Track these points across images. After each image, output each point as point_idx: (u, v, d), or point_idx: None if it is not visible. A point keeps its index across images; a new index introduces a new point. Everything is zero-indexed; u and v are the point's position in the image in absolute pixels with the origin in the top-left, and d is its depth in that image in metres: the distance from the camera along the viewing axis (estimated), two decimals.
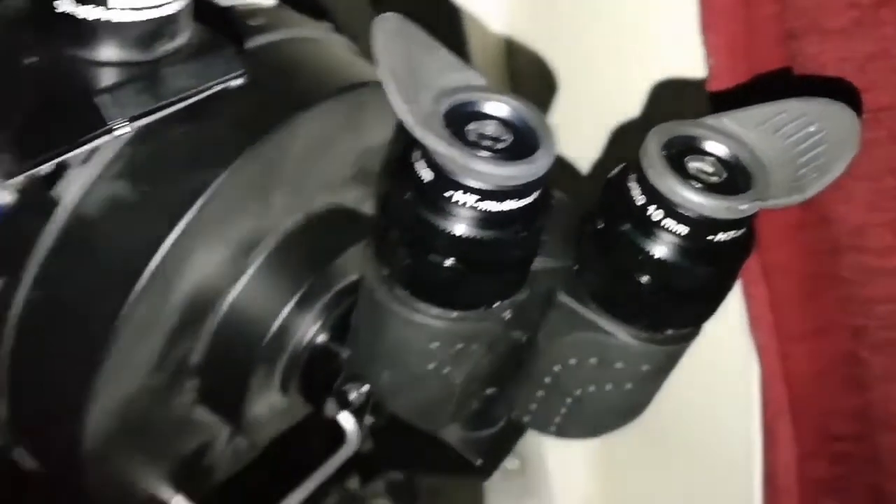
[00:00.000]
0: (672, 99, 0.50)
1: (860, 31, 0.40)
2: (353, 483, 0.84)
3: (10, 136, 0.30)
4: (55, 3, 0.27)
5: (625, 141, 0.48)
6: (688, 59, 0.46)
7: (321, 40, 0.49)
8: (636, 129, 0.41)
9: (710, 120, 0.32)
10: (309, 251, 0.46)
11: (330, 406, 0.48)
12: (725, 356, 0.56)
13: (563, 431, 0.38)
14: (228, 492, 0.55)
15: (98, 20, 0.27)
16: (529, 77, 0.63)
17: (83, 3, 0.27)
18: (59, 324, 0.41)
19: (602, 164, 0.54)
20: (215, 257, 0.43)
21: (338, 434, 0.57)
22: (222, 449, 0.53)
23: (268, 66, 0.44)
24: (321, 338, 0.46)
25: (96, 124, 0.29)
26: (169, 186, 0.39)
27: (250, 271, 0.45)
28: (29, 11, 0.28)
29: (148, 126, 0.36)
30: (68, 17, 0.27)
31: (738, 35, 0.43)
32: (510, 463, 0.94)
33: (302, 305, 0.46)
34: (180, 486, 0.50)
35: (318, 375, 0.47)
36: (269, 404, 0.49)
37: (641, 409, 0.38)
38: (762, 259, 0.47)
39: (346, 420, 0.55)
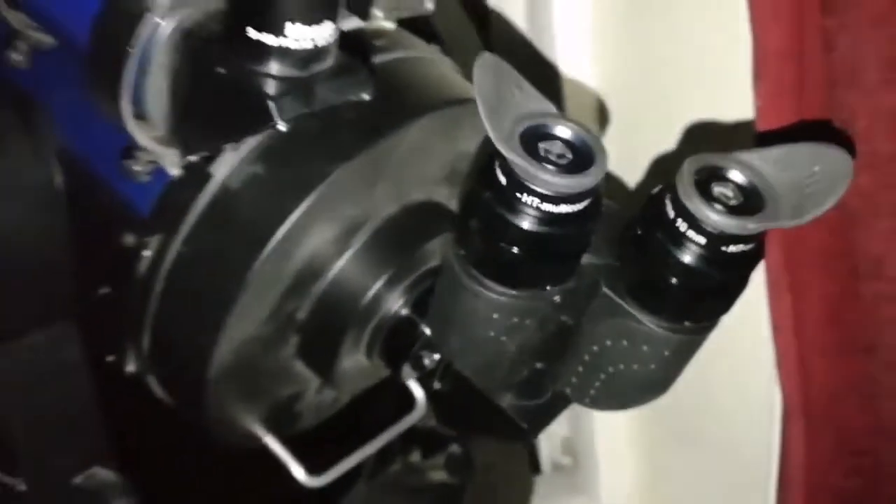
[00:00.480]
0: (724, 134, 0.57)
1: (891, 86, 0.46)
2: (416, 456, 0.93)
3: (196, 124, 0.40)
4: (247, 30, 0.36)
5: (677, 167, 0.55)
6: (742, 102, 0.53)
7: (431, 60, 0.57)
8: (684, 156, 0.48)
9: (737, 154, 0.39)
10: (402, 237, 0.54)
11: (406, 370, 0.56)
12: (756, 368, 0.62)
13: (596, 403, 0.46)
14: (307, 440, 0.63)
15: (274, 46, 0.37)
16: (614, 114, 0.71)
17: (265, 31, 0.36)
18: (200, 274, 0.50)
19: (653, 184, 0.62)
20: (327, 234, 0.51)
21: (408, 402, 0.65)
22: (310, 400, 0.62)
23: (385, 80, 0.52)
24: (405, 311, 0.54)
25: (264, 121, 0.38)
26: (297, 171, 0.48)
27: (353, 249, 0.53)
28: (225, 33, 0.38)
29: None
30: (253, 41, 0.37)
31: (786, 84, 0.50)
32: (564, 459, 1.01)
33: (391, 282, 0.54)
34: (271, 428, 0.59)
35: (398, 343, 0.55)
36: (355, 364, 0.57)
37: (662, 389, 0.45)
38: (791, 276, 0.54)
39: (417, 389, 0.63)
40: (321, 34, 0.37)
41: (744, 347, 0.62)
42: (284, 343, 0.55)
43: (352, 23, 0.51)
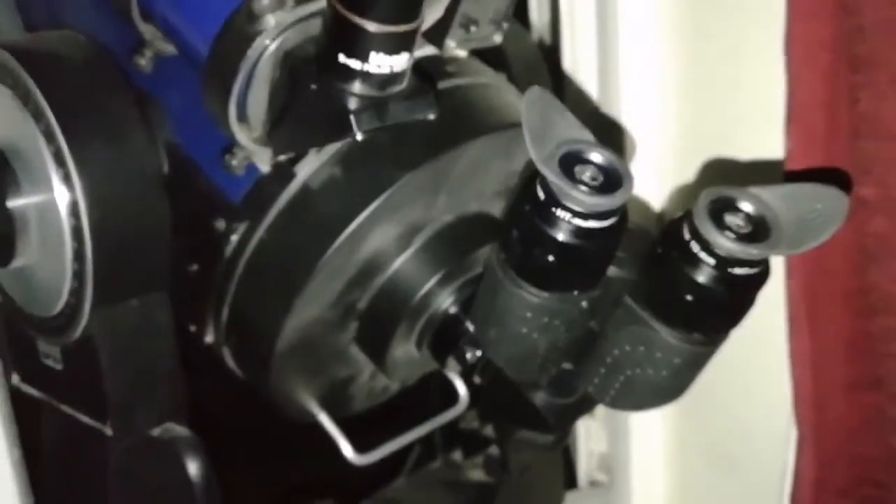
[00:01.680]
0: (755, 172, 0.62)
1: None
2: (457, 455, 0.99)
3: (288, 129, 0.48)
4: (338, 55, 0.44)
5: None
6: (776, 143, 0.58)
7: (496, 87, 0.62)
8: None
9: (750, 189, 0.45)
10: (456, 242, 0.60)
11: (451, 363, 0.62)
12: (781, 398, 0.66)
13: (616, 403, 0.51)
14: (358, 421, 0.69)
15: (359, 69, 0.44)
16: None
17: (353, 58, 0.43)
18: (277, 260, 0.57)
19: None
20: (390, 233, 0.57)
21: (452, 398, 0.71)
22: (363, 384, 0.67)
23: (452, 102, 0.57)
24: (453, 309, 0.59)
25: (345, 131, 0.45)
26: (368, 176, 0.54)
27: (412, 249, 0.59)
28: (319, 55, 0.45)
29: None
30: (342, 65, 0.44)
31: (815, 129, 0.55)
32: (600, 476, 1.05)
33: (443, 282, 0.59)
34: (325, 406, 0.64)
35: (445, 337, 0.60)
36: (405, 354, 0.62)
37: (674, 395, 0.50)
38: (811, 311, 0.58)
39: (461, 385, 0.69)
40: (398, 62, 0.44)
41: (772, 378, 0.66)
42: (344, 328, 0.61)
43: (427, 50, 0.58)
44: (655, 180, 0.78)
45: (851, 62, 0.51)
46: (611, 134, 0.77)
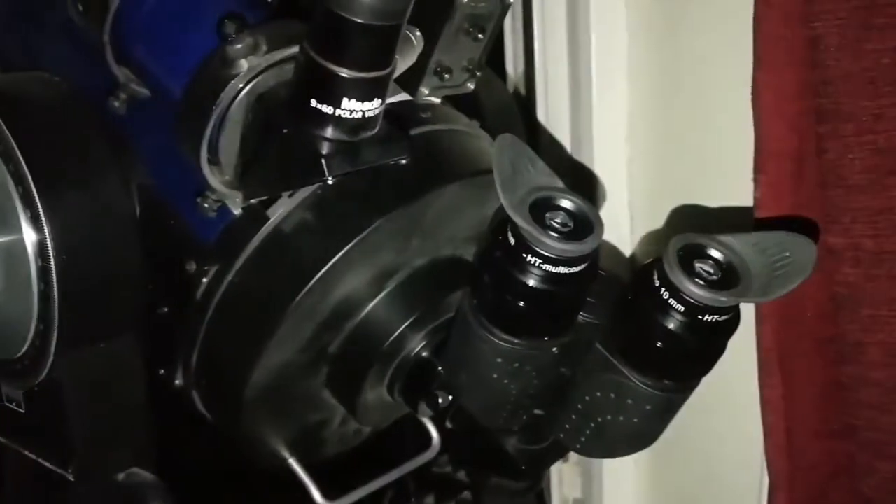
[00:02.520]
0: (725, 219, 0.63)
1: (872, 190, 0.52)
2: (430, 500, 0.97)
3: (259, 174, 0.48)
4: (310, 100, 0.44)
5: None
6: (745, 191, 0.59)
7: (469, 134, 0.62)
8: None
9: (720, 236, 0.45)
10: (429, 287, 0.59)
11: (422, 408, 0.61)
12: (752, 443, 0.66)
13: (587, 450, 0.51)
14: (329, 467, 0.68)
15: (331, 114, 0.44)
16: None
17: (325, 103, 0.44)
18: (248, 303, 0.56)
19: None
20: (362, 277, 0.57)
21: (425, 441, 0.70)
22: (335, 429, 0.66)
23: (426, 147, 0.58)
24: (425, 353, 0.58)
25: (316, 175, 0.46)
26: (341, 220, 0.54)
27: (384, 293, 0.58)
28: (292, 100, 0.45)
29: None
30: (314, 109, 0.44)
31: (784, 178, 0.56)
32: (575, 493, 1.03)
33: (415, 326, 0.58)
34: (296, 451, 0.63)
35: (417, 381, 0.59)
36: (377, 399, 0.61)
37: (645, 442, 0.50)
38: (782, 358, 0.58)
39: (433, 429, 0.68)
40: (370, 107, 0.45)
41: (744, 424, 0.66)
42: (316, 372, 0.60)
43: (401, 96, 0.59)
44: (625, 226, 0.78)
45: (818, 113, 0.52)
46: (582, 181, 0.78)
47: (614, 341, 0.47)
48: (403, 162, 0.49)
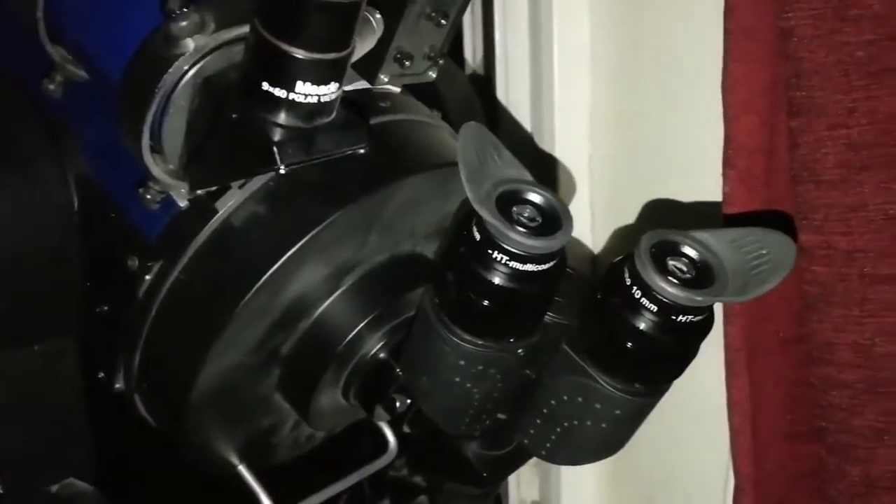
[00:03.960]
0: (698, 213, 0.61)
1: (845, 186, 0.50)
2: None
3: (206, 163, 0.44)
4: (262, 84, 0.41)
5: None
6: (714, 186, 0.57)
7: (430, 125, 0.61)
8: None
9: (693, 232, 0.43)
10: (388, 284, 0.57)
11: (379, 412, 0.59)
12: (716, 445, 0.65)
13: (552, 456, 0.49)
14: (281, 473, 0.65)
15: (284, 99, 0.41)
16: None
17: (277, 86, 0.41)
18: (195, 301, 0.53)
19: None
20: (317, 274, 0.54)
21: (382, 445, 0.68)
22: (286, 434, 0.64)
23: (386, 138, 0.55)
24: (383, 354, 0.56)
25: (267, 164, 0.42)
26: (295, 213, 0.51)
27: (340, 290, 0.56)
28: (241, 83, 0.42)
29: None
30: (266, 93, 0.41)
31: (753, 173, 0.54)
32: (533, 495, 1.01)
33: (373, 325, 0.56)
34: (246, 458, 0.61)
35: (374, 384, 0.57)
36: (332, 402, 0.59)
37: (614, 449, 0.48)
38: (750, 358, 0.57)
39: (390, 434, 0.65)
40: (326, 92, 0.42)
41: (708, 426, 0.64)
42: (267, 375, 0.58)
43: (360, 84, 0.56)
44: (586, 222, 0.77)
45: (791, 107, 0.51)
46: (543, 176, 0.76)
47: (582, 342, 0.45)
48: (362, 152, 0.46)
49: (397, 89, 0.59)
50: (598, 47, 0.72)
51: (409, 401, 0.56)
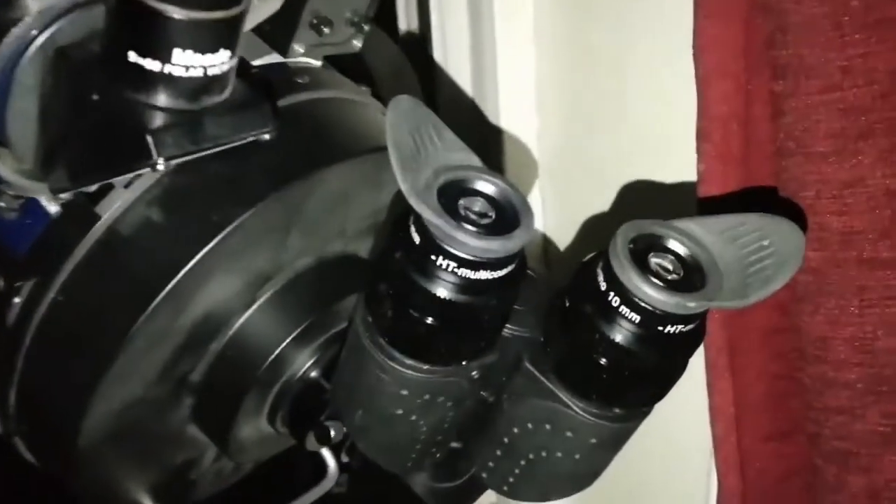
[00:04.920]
0: (666, 197, 0.54)
1: (839, 158, 0.43)
2: None
3: (67, 158, 0.35)
4: (128, 54, 0.32)
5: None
6: (688, 166, 0.50)
7: (358, 102, 0.53)
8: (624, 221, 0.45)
9: (678, 222, 0.35)
10: (315, 292, 0.50)
11: (311, 441, 0.51)
12: (693, 455, 0.58)
13: (515, 493, 0.41)
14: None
15: (158, 72, 0.32)
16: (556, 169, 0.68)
17: (149, 57, 0.31)
18: (77, 327, 0.45)
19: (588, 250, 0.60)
20: (229, 286, 0.47)
21: (320, 471, 0.60)
22: (207, 467, 0.56)
23: (304, 121, 0.48)
24: (314, 373, 0.50)
25: (142, 158, 0.33)
26: (196, 217, 0.44)
27: (258, 303, 0.49)
28: (101, 56, 0.33)
29: (185, 161, 0.41)
30: (135, 66, 0.32)
31: (731, 146, 0.47)
32: None
33: (300, 341, 0.49)
34: (161, 498, 0.53)
35: (304, 409, 0.50)
36: (256, 431, 0.52)
37: (588, 481, 0.41)
38: (731, 357, 0.50)
39: (330, 458, 0.57)
40: (215, 62, 0.33)
41: (682, 431, 0.58)
42: (176, 406, 0.50)
43: (271, 58, 0.47)
44: (536, 211, 0.69)
45: (775, 68, 0.44)
46: (485, 158, 0.68)
47: (548, 359, 0.37)
48: (267, 138, 0.38)
49: (317, 62, 0.52)
50: (543, 10, 0.65)
51: (345, 428, 0.49)
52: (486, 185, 0.34)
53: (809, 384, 0.48)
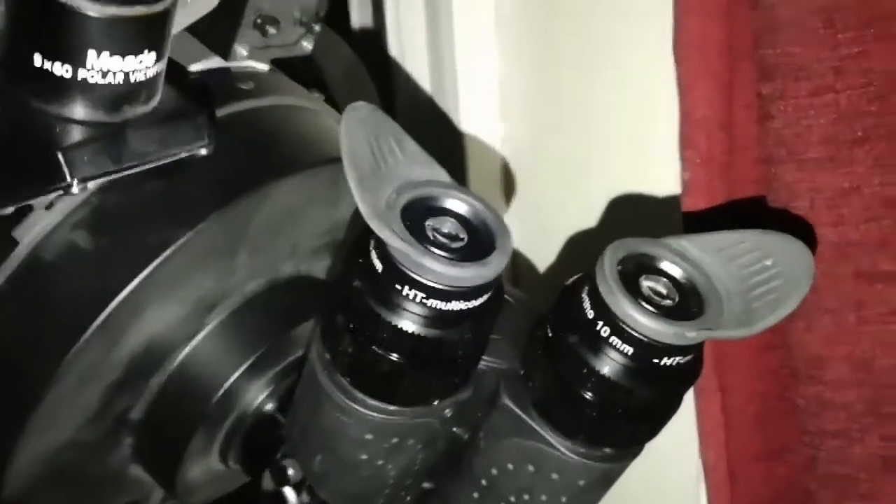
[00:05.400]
0: (650, 208, 0.50)
1: (834, 165, 0.40)
2: None
3: None
4: (33, 57, 0.27)
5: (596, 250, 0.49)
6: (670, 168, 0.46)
7: (309, 110, 0.49)
8: (608, 240, 0.42)
9: (671, 241, 0.32)
10: (267, 318, 0.46)
11: (267, 480, 0.47)
12: (675, 474, 0.55)
13: None
14: None
15: (72, 78, 0.27)
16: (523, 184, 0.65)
17: (59, 61, 0.27)
18: None
19: (568, 269, 0.55)
20: (170, 315, 0.42)
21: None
22: None
23: (249, 131, 0.44)
24: (269, 406, 0.46)
25: (54, 179, 0.29)
26: (130, 241, 0.39)
27: (204, 332, 0.44)
28: (6, 58, 0.28)
29: (117, 178, 0.36)
30: (41, 72, 0.27)
31: (717, 154, 0.44)
32: None
33: (253, 371, 0.45)
34: None
35: (259, 445, 0.46)
36: (208, 469, 0.48)
37: None
38: (720, 377, 0.47)
39: (290, 494, 0.53)
40: (137, 67, 0.28)
41: (665, 450, 0.55)
42: (116, 446, 0.46)
43: (212, 62, 0.43)
44: (502, 211, 0.65)
45: (762, 69, 0.41)
46: (447, 169, 0.64)
47: (529, 394, 0.33)
48: (203, 153, 0.33)
49: (264, 66, 0.47)
50: (504, 9, 0.61)
51: None
52: (456, 204, 0.30)
53: (804, 405, 0.45)
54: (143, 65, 0.28)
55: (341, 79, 0.58)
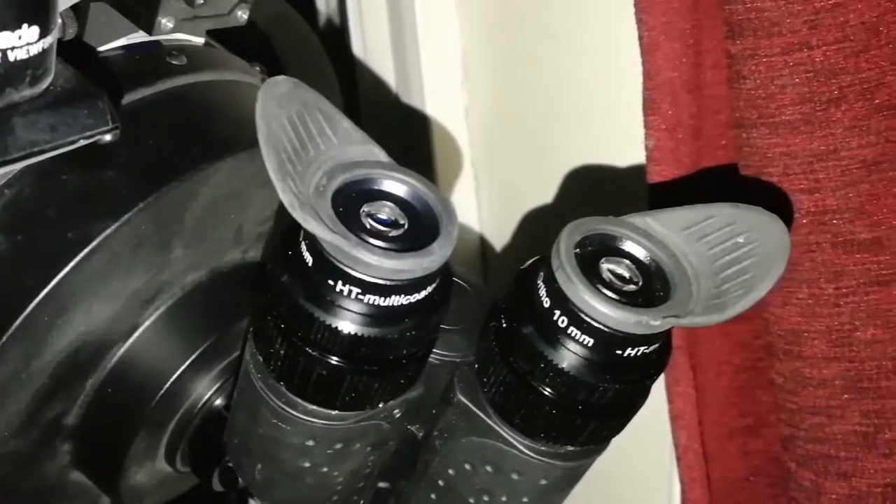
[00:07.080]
0: (613, 184, 0.47)
1: (809, 128, 0.38)
2: None
3: None
4: None
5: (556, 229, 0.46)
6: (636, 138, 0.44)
7: (248, 84, 0.46)
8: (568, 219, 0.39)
9: (633, 218, 0.29)
10: (210, 311, 0.43)
11: (216, 481, 0.44)
12: (646, 458, 0.53)
13: None
14: None
15: None
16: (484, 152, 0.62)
17: None
18: None
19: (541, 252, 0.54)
20: (101, 313, 0.39)
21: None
22: None
23: (181, 111, 0.41)
24: (217, 402, 0.43)
25: None
26: (48, 236, 0.36)
27: (143, 328, 0.41)
28: None
29: (31, 168, 0.33)
30: None
31: (683, 118, 0.41)
32: None
33: (198, 366, 0.42)
34: None
35: (208, 444, 0.43)
36: (154, 473, 0.45)
37: None
38: (691, 352, 0.45)
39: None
40: (16, 43, 0.25)
41: (636, 431, 0.52)
42: (51, 455, 0.42)
43: (137, 36, 0.39)
44: (470, 202, 0.62)
45: (730, 26, 0.38)
46: (411, 143, 0.61)
47: (484, 389, 0.31)
48: (108, 139, 0.30)
49: (199, 39, 0.43)
50: None
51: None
52: (395, 186, 0.27)
53: (781, 382, 0.42)
54: (24, 41, 0.25)
55: (295, 53, 0.54)
